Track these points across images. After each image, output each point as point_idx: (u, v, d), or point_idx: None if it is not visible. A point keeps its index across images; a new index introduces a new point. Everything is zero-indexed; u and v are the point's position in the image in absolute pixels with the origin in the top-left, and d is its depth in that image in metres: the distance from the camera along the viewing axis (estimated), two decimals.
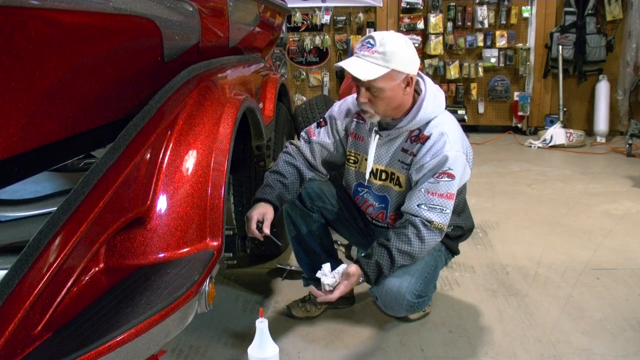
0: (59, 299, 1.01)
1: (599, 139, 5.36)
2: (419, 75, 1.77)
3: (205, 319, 2.02)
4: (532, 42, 5.64)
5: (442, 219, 1.68)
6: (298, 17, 5.71)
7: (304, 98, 5.76)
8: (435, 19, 5.58)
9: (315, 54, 5.87)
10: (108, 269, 1.23)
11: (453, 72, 5.66)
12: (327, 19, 5.73)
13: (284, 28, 3.83)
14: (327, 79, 5.92)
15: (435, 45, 5.63)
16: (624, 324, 1.99)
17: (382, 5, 5.67)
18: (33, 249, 0.94)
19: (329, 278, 1.67)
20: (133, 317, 1.02)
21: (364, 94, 1.67)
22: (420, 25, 5.61)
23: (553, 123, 5.36)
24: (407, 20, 5.62)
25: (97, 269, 1.21)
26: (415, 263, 1.75)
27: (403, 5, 5.57)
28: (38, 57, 0.99)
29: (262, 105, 2.40)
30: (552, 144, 5.17)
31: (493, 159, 4.73)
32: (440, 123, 1.72)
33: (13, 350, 0.89)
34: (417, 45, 5.63)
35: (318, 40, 5.78)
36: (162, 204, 1.30)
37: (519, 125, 5.80)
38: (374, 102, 1.68)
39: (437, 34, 5.62)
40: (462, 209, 1.93)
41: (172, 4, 1.56)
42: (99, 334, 0.97)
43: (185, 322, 1.16)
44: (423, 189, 1.68)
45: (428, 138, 1.70)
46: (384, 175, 1.83)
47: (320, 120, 1.97)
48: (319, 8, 5.72)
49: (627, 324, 1.99)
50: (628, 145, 4.74)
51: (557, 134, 5.19)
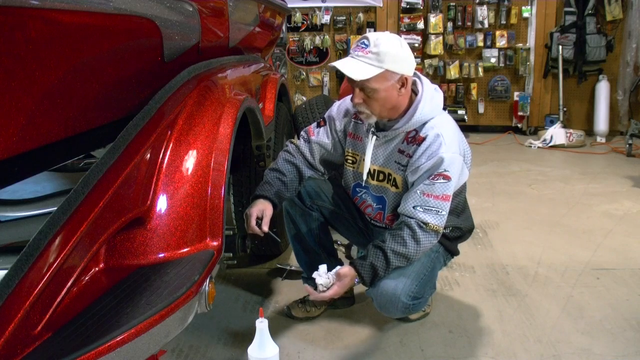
0: (59, 299, 1.01)
1: (599, 139, 5.36)
2: (417, 76, 1.76)
3: (205, 319, 2.02)
4: (532, 42, 5.64)
5: (437, 221, 1.67)
6: (298, 17, 5.71)
7: (304, 98, 5.76)
8: (435, 19, 5.58)
9: (315, 54, 5.87)
10: (108, 269, 1.23)
11: (453, 72, 5.66)
12: (327, 19, 5.73)
13: (284, 28, 3.83)
14: (327, 79, 5.92)
15: (435, 45, 5.63)
16: (624, 324, 1.99)
17: (382, 5, 5.67)
18: (33, 249, 0.94)
19: (323, 278, 1.68)
20: (133, 317, 1.02)
21: (358, 95, 1.68)
22: (420, 25, 5.61)
23: (553, 123, 5.36)
24: (407, 20, 5.62)
25: (97, 269, 1.21)
26: (411, 265, 1.74)
27: (403, 5, 5.57)
28: (38, 57, 0.99)
29: (262, 105, 2.40)
30: (552, 144, 5.17)
31: (493, 159, 4.73)
32: (437, 124, 1.71)
33: (13, 350, 0.89)
34: (417, 45, 5.64)
35: (318, 40, 5.78)
36: (162, 204, 1.30)
37: (519, 125, 5.80)
38: (369, 102, 1.68)
39: (437, 34, 5.62)
40: (461, 210, 1.92)
41: (172, 4, 1.56)
42: (99, 334, 0.97)
43: (185, 322, 1.16)
44: (419, 191, 1.68)
45: (424, 139, 1.69)
46: (381, 176, 1.83)
47: (320, 120, 1.98)
48: (319, 8, 5.72)
49: (627, 324, 1.99)
50: (628, 145, 4.74)
51: (557, 134, 5.19)
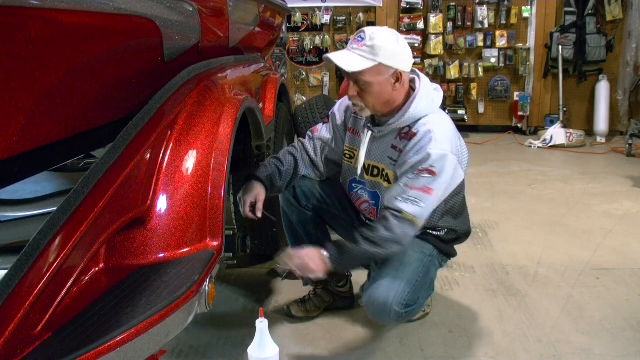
0: (59, 299, 1.01)
1: (599, 139, 5.37)
2: (415, 74, 1.77)
3: (205, 319, 2.02)
4: (532, 42, 5.64)
5: (413, 210, 1.62)
6: (298, 17, 5.71)
7: (304, 98, 5.76)
8: (435, 19, 5.58)
9: (315, 54, 5.87)
10: (108, 269, 1.23)
11: (453, 72, 5.66)
12: (327, 19, 5.73)
13: (284, 28, 3.83)
14: (327, 79, 5.92)
15: (435, 45, 5.63)
16: (624, 324, 1.99)
17: (382, 5, 5.67)
18: (33, 249, 0.94)
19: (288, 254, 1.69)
20: (133, 317, 1.02)
21: (353, 88, 1.69)
22: (420, 25, 5.61)
23: (553, 123, 5.36)
24: (407, 20, 5.62)
25: (97, 269, 1.21)
26: (402, 271, 1.72)
27: (403, 5, 5.57)
28: (38, 57, 0.99)
29: (262, 105, 2.40)
30: (552, 144, 5.17)
31: (493, 159, 4.73)
32: (431, 121, 1.70)
33: (13, 350, 0.89)
34: (417, 45, 5.64)
35: (318, 40, 5.78)
36: (162, 204, 1.30)
37: (519, 125, 5.80)
38: (363, 96, 1.69)
39: (437, 34, 5.62)
40: (458, 212, 1.90)
41: (172, 4, 1.56)
42: (99, 334, 0.97)
43: (185, 322, 1.16)
44: (402, 183, 1.66)
45: (415, 135, 1.69)
46: (376, 171, 1.83)
47: (324, 118, 2.01)
48: (319, 8, 5.72)
49: (627, 324, 1.99)
50: (628, 145, 4.74)
51: (557, 134, 5.19)
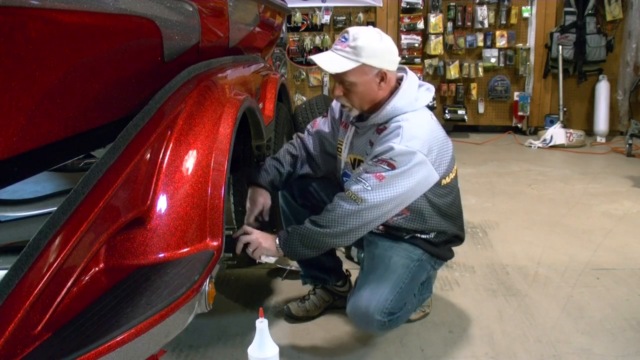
0: (59, 299, 1.01)
1: (599, 139, 5.36)
2: (404, 71, 1.76)
3: (205, 319, 2.02)
4: (532, 42, 5.64)
5: (358, 189, 1.60)
6: (298, 17, 5.71)
7: (304, 98, 5.76)
8: (435, 19, 5.58)
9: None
10: (108, 269, 1.23)
11: (453, 72, 5.66)
12: (327, 19, 5.73)
13: (284, 28, 3.83)
14: (327, 79, 5.91)
15: (435, 45, 5.63)
16: (624, 324, 1.99)
17: (382, 5, 5.67)
18: (33, 249, 0.95)
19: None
20: (133, 317, 1.02)
21: (338, 88, 1.71)
22: (420, 25, 5.61)
23: (553, 123, 5.36)
24: (407, 20, 5.62)
25: (97, 269, 1.21)
26: (385, 278, 1.70)
27: (403, 5, 5.57)
28: (38, 57, 0.99)
29: (262, 105, 2.40)
30: (552, 144, 5.17)
31: (493, 159, 4.73)
32: (406, 118, 1.66)
33: (13, 350, 0.89)
34: (417, 45, 5.64)
35: (318, 40, 5.78)
36: (162, 204, 1.30)
37: (519, 125, 5.80)
38: (348, 95, 1.70)
39: (437, 34, 5.62)
40: (448, 214, 1.84)
41: (172, 4, 1.56)
42: (99, 334, 0.97)
43: (185, 322, 1.16)
44: (362, 167, 1.68)
45: (385, 129, 1.69)
46: (358, 164, 1.82)
47: (325, 113, 2.03)
48: (319, 8, 5.72)
49: (627, 324, 1.99)
50: (628, 145, 4.74)
51: (557, 134, 5.19)
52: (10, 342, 0.88)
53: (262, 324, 1.50)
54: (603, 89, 5.38)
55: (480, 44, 5.62)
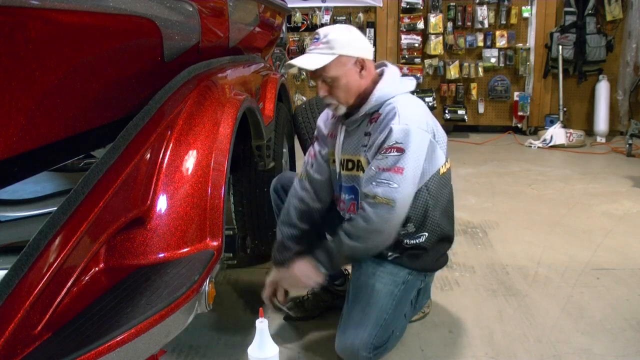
0: (59, 299, 1.01)
1: (599, 139, 5.36)
2: (384, 65, 1.78)
3: (205, 319, 2.02)
4: (532, 42, 5.64)
5: (388, 193, 1.57)
6: (298, 17, 5.71)
7: (304, 98, 5.76)
8: (435, 19, 5.58)
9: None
10: (108, 269, 1.23)
11: (453, 72, 5.66)
12: (327, 19, 5.73)
13: (284, 28, 3.83)
14: None
15: (435, 45, 5.63)
16: (624, 324, 1.99)
17: (382, 5, 5.67)
18: (33, 249, 0.95)
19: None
20: (133, 317, 1.02)
21: (322, 87, 1.70)
22: (420, 25, 5.61)
23: (553, 123, 5.36)
24: (407, 20, 5.62)
25: (97, 269, 1.21)
26: (368, 313, 1.69)
27: (403, 5, 5.57)
28: (38, 57, 0.99)
29: (262, 105, 2.40)
30: (552, 144, 5.17)
31: (493, 159, 4.73)
32: (396, 100, 1.68)
33: (13, 350, 0.89)
34: (417, 45, 5.64)
35: None
36: (162, 204, 1.30)
37: (519, 125, 5.80)
38: (333, 92, 1.70)
39: (437, 34, 5.62)
40: (445, 207, 1.80)
41: (172, 4, 1.56)
42: (99, 334, 0.97)
43: (185, 322, 1.16)
44: (373, 166, 1.64)
45: (380, 115, 1.68)
46: (350, 165, 1.79)
47: (313, 137, 1.99)
48: (319, 8, 5.72)
49: (627, 324, 1.99)
50: (628, 145, 4.74)
51: (557, 134, 5.19)
52: (10, 342, 0.88)
53: (262, 324, 1.50)
54: (603, 89, 5.38)
55: (480, 44, 5.62)
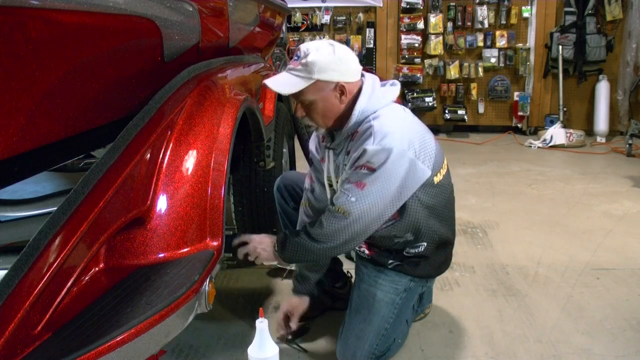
0: (59, 299, 1.01)
1: (599, 139, 5.36)
2: (362, 75, 1.65)
3: (205, 319, 2.02)
4: (532, 42, 5.64)
5: (344, 204, 1.54)
6: (298, 17, 5.71)
7: None
8: (435, 19, 5.58)
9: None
10: (108, 269, 1.23)
11: (453, 72, 5.66)
12: (327, 19, 5.73)
13: (284, 28, 3.83)
14: None
15: (435, 45, 5.63)
16: (624, 324, 1.99)
17: (382, 5, 5.67)
18: (33, 249, 0.95)
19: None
20: (133, 317, 1.02)
21: (298, 108, 1.64)
22: (420, 25, 5.61)
23: (553, 123, 5.36)
24: (407, 20, 5.62)
25: (97, 269, 1.21)
26: (369, 324, 1.69)
27: (403, 5, 5.57)
28: (38, 57, 0.99)
29: (262, 105, 2.40)
30: (552, 144, 5.17)
31: (493, 159, 4.73)
32: (377, 116, 1.58)
33: (13, 350, 0.89)
34: (417, 45, 5.64)
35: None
36: (162, 204, 1.30)
37: (519, 125, 5.80)
38: (310, 114, 1.63)
39: (437, 34, 5.62)
40: (442, 214, 1.73)
41: (172, 4, 1.56)
42: (99, 334, 0.97)
43: (185, 322, 1.16)
44: (343, 177, 1.62)
45: (357, 133, 1.62)
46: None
47: (308, 159, 1.98)
48: (319, 8, 5.72)
49: (627, 324, 1.99)
50: (628, 145, 4.74)
51: (557, 134, 5.19)
52: (10, 342, 0.88)
53: (262, 324, 1.50)
54: (603, 89, 5.38)
55: (480, 44, 5.62)
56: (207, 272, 1.21)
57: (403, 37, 5.65)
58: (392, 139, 1.52)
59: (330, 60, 1.55)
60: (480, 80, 5.73)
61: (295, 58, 1.58)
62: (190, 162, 1.37)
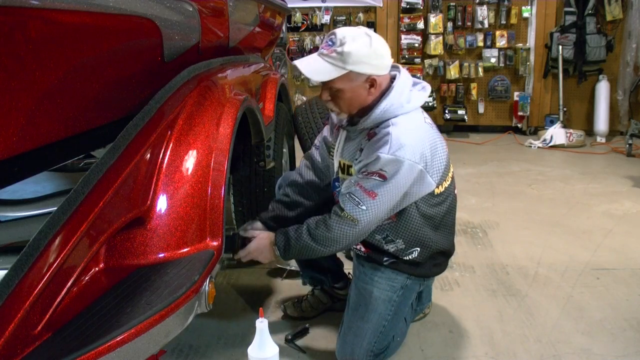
0: (59, 299, 1.01)
1: (599, 139, 5.36)
2: (397, 69, 1.67)
3: (205, 319, 2.02)
4: (532, 42, 5.63)
5: (354, 212, 1.56)
6: (298, 17, 5.71)
7: (304, 98, 5.76)
8: (435, 19, 5.57)
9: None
10: (108, 269, 1.23)
11: (453, 72, 5.66)
12: (327, 19, 5.73)
13: (284, 28, 3.83)
14: None
15: (435, 45, 5.63)
16: (624, 324, 1.99)
17: (382, 5, 5.66)
18: (33, 249, 0.95)
19: (249, 232, 1.78)
20: (133, 317, 1.02)
21: (324, 93, 1.63)
22: (420, 25, 5.60)
23: (553, 123, 5.36)
24: (407, 20, 5.62)
25: (97, 269, 1.21)
26: (367, 322, 1.69)
27: (403, 5, 5.56)
28: (38, 57, 0.99)
29: (262, 105, 2.40)
30: (552, 144, 5.17)
31: (493, 159, 4.73)
32: (396, 123, 1.58)
33: (13, 350, 0.89)
34: (417, 45, 5.64)
35: (318, 40, 5.78)
36: (162, 204, 1.30)
37: (519, 125, 5.80)
38: (335, 101, 1.63)
39: (437, 34, 5.61)
40: (439, 223, 1.74)
41: (172, 4, 1.56)
42: (99, 334, 0.97)
43: (185, 322, 1.16)
44: (354, 180, 1.61)
45: (374, 135, 1.62)
46: (350, 171, 1.75)
47: (325, 120, 1.98)
48: (319, 8, 5.72)
49: (627, 324, 1.99)
50: (628, 145, 4.74)
51: (557, 134, 5.19)
52: (10, 342, 0.88)
53: (262, 324, 1.50)
54: (603, 89, 5.38)
55: (480, 44, 5.62)
56: (207, 272, 1.21)
57: (403, 37, 5.65)
58: (406, 151, 1.54)
59: (366, 54, 1.54)
60: (480, 80, 5.73)
61: (330, 44, 1.55)
62: (190, 162, 1.37)
